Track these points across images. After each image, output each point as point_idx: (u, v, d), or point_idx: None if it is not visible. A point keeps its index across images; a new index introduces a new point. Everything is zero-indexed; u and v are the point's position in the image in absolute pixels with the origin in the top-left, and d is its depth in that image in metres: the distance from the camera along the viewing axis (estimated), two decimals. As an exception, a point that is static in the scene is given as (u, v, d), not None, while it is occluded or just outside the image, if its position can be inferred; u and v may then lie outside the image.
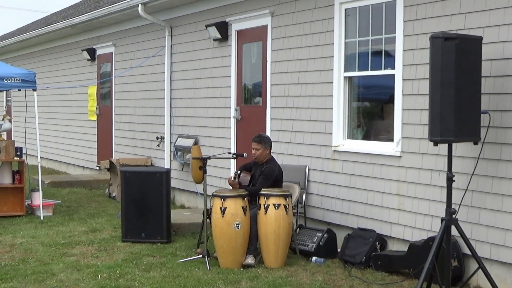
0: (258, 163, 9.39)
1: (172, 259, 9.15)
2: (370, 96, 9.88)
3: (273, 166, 9.25)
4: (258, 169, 9.37)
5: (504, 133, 7.37)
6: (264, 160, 9.34)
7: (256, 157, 9.33)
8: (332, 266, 8.83)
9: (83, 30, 18.15)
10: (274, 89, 10.98)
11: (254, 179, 9.38)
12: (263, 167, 9.27)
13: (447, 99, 6.86)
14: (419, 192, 8.43)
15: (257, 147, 9.32)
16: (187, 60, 13.54)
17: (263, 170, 9.22)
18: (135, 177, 10.42)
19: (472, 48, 7.05)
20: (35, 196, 12.67)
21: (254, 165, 9.51)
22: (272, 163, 9.31)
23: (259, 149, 9.31)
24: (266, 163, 9.31)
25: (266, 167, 9.23)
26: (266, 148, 9.34)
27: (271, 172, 9.16)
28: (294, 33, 10.52)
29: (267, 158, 9.37)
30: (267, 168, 9.20)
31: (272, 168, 9.21)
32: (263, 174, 9.18)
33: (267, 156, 9.37)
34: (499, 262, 7.49)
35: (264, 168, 9.22)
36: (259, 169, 9.33)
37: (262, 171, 9.22)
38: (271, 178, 9.13)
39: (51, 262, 9.02)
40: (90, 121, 18.38)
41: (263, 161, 9.34)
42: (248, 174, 9.46)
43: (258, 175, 9.29)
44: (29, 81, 12.32)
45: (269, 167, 9.21)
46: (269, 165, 9.26)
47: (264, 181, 9.11)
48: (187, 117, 13.57)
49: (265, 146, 9.33)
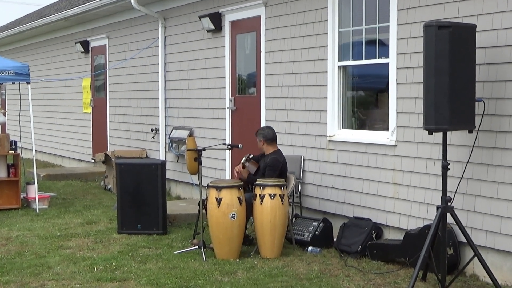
0: (265, 154, 9.40)
1: (168, 251, 9.15)
2: (365, 85, 9.87)
3: (277, 156, 9.24)
4: (263, 161, 9.36)
5: (499, 121, 7.38)
6: (269, 151, 9.34)
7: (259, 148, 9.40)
8: (328, 255, 8.84)
9: (76, 23, 18.10)
10: (268, 79, 10.97)
11: (259, 172, 9.36)
12: (267, 158, 9.26)
13: (441, 88, 6.85)
14: (414, 181, 8.44)
15: (256, 140, 9.39)
16: (181, 52, 13.51)
17: (268, 161, 9.20)
18: (130, 169, 10.42)
19: (466, 36, 7.05)
20: (30, 189, 12.66)
21: (261, 157, 9.51)
22: (277, 154, 9.31)
23: (257, 142, 9.38)
24: (271, 154, 9.30)
25: (270, 158, 9.21)
26: (260, 141, 9.34)
27: (276, 162, 9.14)
28: (288, 23, 10.50)
29: (270, 150, 9.36)
30: (272, 159, 9.18)
31: (276, 158, 9.20)
32: (268, 165, 9.15)
33: (269, 148, 9.36)
34: (494, 250, 7.50)
35: (269, 159, 9.20)
36: (264, 160, 9.32)
37: (267, 162, 9.21)
38: (277, 168, 9.09)
39: (47, 255, 9.01)
40: (84, 114, 18.35)
41: (267, 152, 9.35)
42: (256, 165, 9.43)
43: (263, 167, 9.27)
44: (23, 74, 12.30)
45: (274, 158, 9.19)
46: (273, 155, 9.24)
47: (271, 172, 9.08)
48: (182, 108, 13.56)
49: (259, 138, 9.36)
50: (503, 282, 7.32)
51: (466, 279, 7.62)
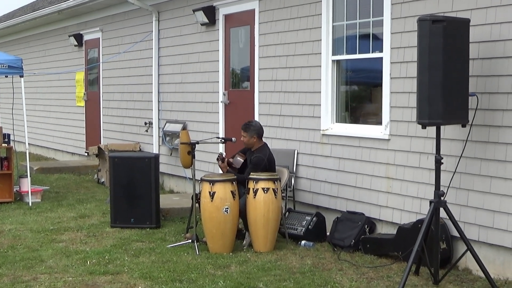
0: (251, 149, 9.35)
1: (161, 244, 9.15)
2: (358, 80, 9.87)
3: (261, 155, 9.13)
4: (249, 156, 9.34)
5: (492, 115, 7.38)
6: (255, 147, 9.29)
7: (245, 143, 9.30)
8: (321, 249, 8.85)
9: (70, 16, 18.05)
10: (262, 73, 10.96)
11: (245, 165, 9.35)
12: (253, 155, 9.23)
13: (435, 82, 6.85)
14: (407, 175, 8.44)
15: (243, 134, 9.26)
16: (175, 45, 13.49)
17: (252, 159, 9.17)
18: (123, 162, 10.41)
19: (460, 30, 7.05)
20: (23, 183, 12.63)
21: (248, 151, 9.47)
22: (262, 152, 9.20)
23: (245, 136, 9.25)
24: (256, 151, 9.23)
25: (254, 157, 9.15)
26: (252, 136, 9.22)
27: (259, 161, 9.07)
28: (282, 17, 10.49)
29: (259, 145, 9.29)
30: (255, 158, 9.11)
31: (260, 157, 9.10)
32: (252, 163, 9.13)
33: (257, 143, 9.28)
34: (487, 244, 7.52)
35: (253, 157, 9.17)
36: (250, 157, 9.30)
37: (251, 159, 9.18)
38: (259, 168, 9.04)
39: (40, 248, 9.00)
40: (78, 107, 18.31)
41: (253, 148, 9.30)
42: (243, 157, 9.41)
43: (249, 163, 9.26)
44: (16, 67, 12.27)
45: (257, 157, 9.11)
46: (258, 154, 9.16)
47: (253, 170, 9.05)
48: (175, 102, 13.54)
49: (251, 134, 9.22)
50: (495, 275, 7.34)
51: (459, 273, 7.64)
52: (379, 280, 7.46)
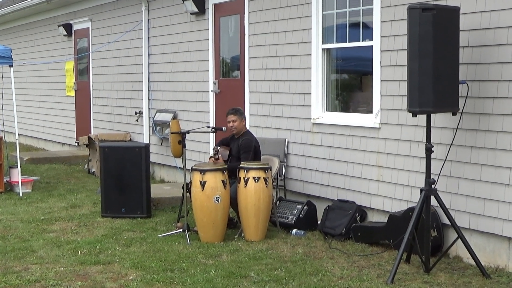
0: (235, 136, 9.38)
1: (152, 234, 9.15)
2: (349, 68, 9.87)
3: (249, 137, 9.28)
4: (235, 143, 9.36)
5: (482, 103, 7.39)
6: (241, 132, 9.34)
7: (235, 128, 9.32)
8: (312, 238, 8.86)
9: (59, 6, 17.96)
10: (252, 62, 10.94)
11: (231, 154, 9.38)
12: (239, 140, 9.27)
13: (425, 70, 6.86)
14: (398, 163, 8.45)
15: (233, 118, 9.31)
16: (165, 35, 13.44)
17: (240, 143, 9.21)
18: (114, 152, 10.39)
19: (450, 18, 7.05)
20: (13, 173, 12.60)
21: (231, 140, 9.50)
22: (248, 135, 9.34)
23: (235, 120, 9.30)
24: (242, 136, 9.31)
25: (242, 140, 9.23)
26: (242, 120, 9.37)
27: (249, 143, 9.17)
28: (272, 6, 10.46)
29: (244, 130, 9.39)
30: (244, 140, 9.20)
31: (248, 139, 9.24)
32: (242, 147, 9.16)
33: (244, 128, 9.40)
34: (478, 232, 7.54)
35: (241, 141, 9.22)
36: (236, 143, 9.32)
37: (240, 144, 9.21)
38: (250, 149, 9.12)
39: (31, 238, 8.98)
40: (68, 97, 18.25)
41: (240, 133, 9.34)
42: (227, 149, 9.45)
43: (236, 150, 9.27)
44: (5, 57, 12.21)
45: (246, 139, 9.23)
46: (245, 137, 9.27)
47: (246, 154, 9.10)
48: (166, 91, 13.51)
49: (241, 117, 9.36)
50: (486, 263, 7.37)
51: (449, 261, 7.66)
52: (370, 268, 7.47)
